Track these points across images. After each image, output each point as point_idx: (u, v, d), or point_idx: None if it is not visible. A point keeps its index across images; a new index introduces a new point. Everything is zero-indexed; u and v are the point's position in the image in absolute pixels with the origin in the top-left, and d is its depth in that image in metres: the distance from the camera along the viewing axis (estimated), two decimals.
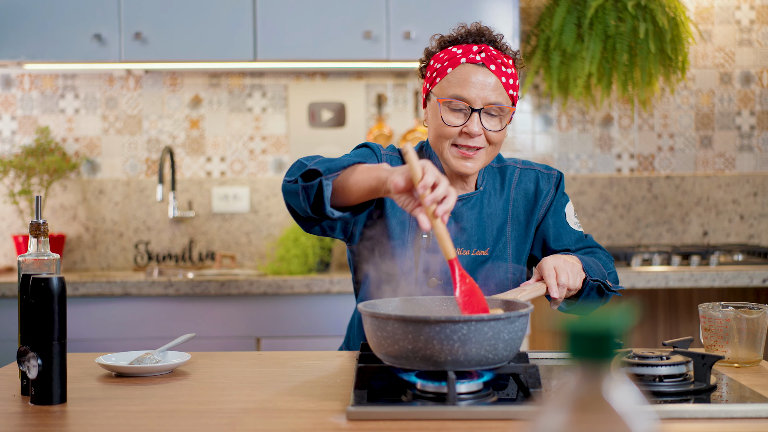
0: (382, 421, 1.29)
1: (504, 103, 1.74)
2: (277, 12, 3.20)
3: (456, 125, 1.73)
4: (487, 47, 1.75)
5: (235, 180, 3.57)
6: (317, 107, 3.57)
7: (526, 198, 1.85)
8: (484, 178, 1.85)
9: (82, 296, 2.96)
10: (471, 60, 1.73)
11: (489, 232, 1.81)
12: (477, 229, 1.81)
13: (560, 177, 1.88)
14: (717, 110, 3.64)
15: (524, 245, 1.84)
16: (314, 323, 2.96)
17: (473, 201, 1.82)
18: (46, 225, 1.56)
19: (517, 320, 1.35)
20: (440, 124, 1.74)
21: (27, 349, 1.41)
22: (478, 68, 1.73)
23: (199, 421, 1.32)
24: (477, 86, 1.72)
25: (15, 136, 3.57)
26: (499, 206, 1.84)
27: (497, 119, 1.74)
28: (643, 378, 1.44)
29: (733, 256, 3.22)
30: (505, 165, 1.88)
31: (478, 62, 1.73)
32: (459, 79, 1.73)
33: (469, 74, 1.72)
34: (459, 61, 1.74)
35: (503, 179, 1.86)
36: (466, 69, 1.73)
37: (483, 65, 1.73)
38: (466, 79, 1.72)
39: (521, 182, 1.86)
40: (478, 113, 1.72)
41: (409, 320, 1.32)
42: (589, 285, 1.72)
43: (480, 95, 1.72)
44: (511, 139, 3.61)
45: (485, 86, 1.72)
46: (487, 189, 1.84)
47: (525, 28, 3.58)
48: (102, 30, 3.19)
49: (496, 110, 1.73)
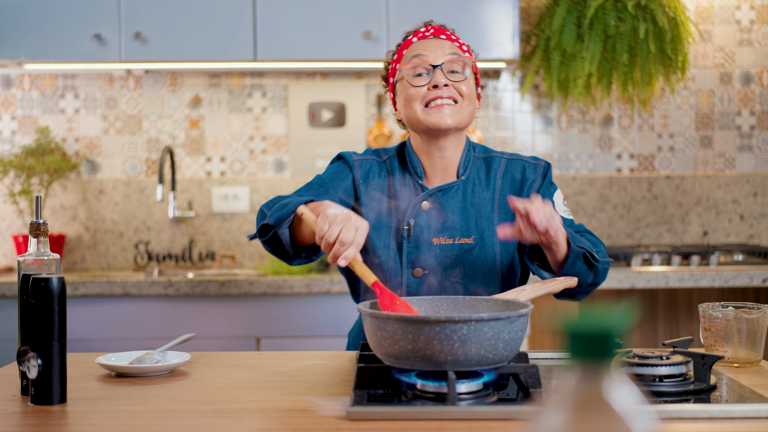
0: (382, 421, 1.29)
1: (462, 55, 1.83)
2: (277, 12, 3.20)
3: (422, 84, 1.81)
4: (433, 26, 1.89)
5: (235, 180, 3.57)
6: (317, 107, 3.57)
7: (512, 187, 1.87)
8: (466, 168, 1.87)
9: (82, 296, 2.96)
10: (422, 37, 1.87)
11: (473, 220, 1.83)
12: (460, 218, 1.83)
13: (547, 167, 1.90)
14: (717, 110, 3.64)
15: None
16: (314, 323, 2.96)
17: (454, 190, 1.84)
18: (46, 225, 1.56)
19: (517, 320, 1.35)
20: (407, 91, 1.82)
21: (27, 349, 1.41)
22: (430, 40, 1.86)
23: (199, 421, 1.32)
24: (433, 47, 1.83)
25: (15, 136, 3.57)
26: (485, 196, 1.85)
27: (460, 73, 1.83)
28: (643, 378, 1.44)
29: (733, 256, 3.22)
30: (492, 156, 1.91)
31: (429, 36, 1.86)
32: (415, 50, 1.85)
33: (422, 44, 1.85)
34: (411, 41, 1.87)
35: (489, 169, 1.89)
36: (419, 43, 1.86)
37: (434, 37, 1.86)
38: (421, 48, 1.84)
39: (508, 172, 1.88)
40: (439, 68, 1.81)
41: (409, 320, 1.32)
42: (574, 252, 1.69)
43: (437, 53, 1.82)
44: (511, 139, 3.61)
45: (440, 46, 1.84)
46: (471, 178, 1.87)
47: (525, 28, 3.58)
48: (102, 30, 3.19)
49: (457, 64, 1.82)
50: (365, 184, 1.86)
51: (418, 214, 1.82)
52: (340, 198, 1.83)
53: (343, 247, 1.50)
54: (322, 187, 1.84)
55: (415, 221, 1.81)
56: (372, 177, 1.87)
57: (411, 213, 1.81)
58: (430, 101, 1.79)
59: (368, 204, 1.85)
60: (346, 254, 1.51)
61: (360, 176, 1.87)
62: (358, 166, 1.88)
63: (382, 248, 1.81)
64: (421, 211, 1.82)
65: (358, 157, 1.90)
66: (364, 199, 1.85)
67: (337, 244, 1.50)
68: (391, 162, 1.89)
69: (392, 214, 1.84)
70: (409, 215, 1.81)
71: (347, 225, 1.51)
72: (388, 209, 1.84)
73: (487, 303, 1.56)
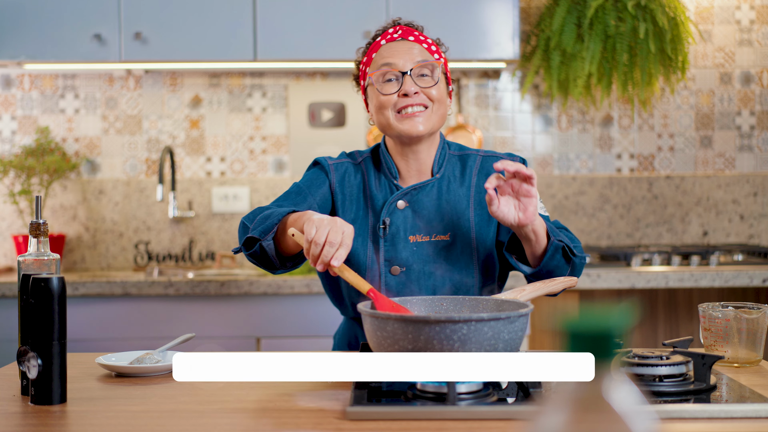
0: (382, 421, 1.29)
1: (431, 60, 1.83)
2: (277, 12, 3.20)
3: (392, 92, 1.81)
4: (402, 26, 1.88)
5: (235, 180, 3.57)
6: (317, 107, 3.57)
7: None
8: (441, 166, 1.88)
9: (82, 296, 2.96)
10: (390, 39, 1.85)
11: (449, 217, 1.84)
12: (436, 215, 1.84)
13: (524, 163, 1.88)
14: (717, 110, 3.64)
15: (488, 229, 1.85)
16: (314, 323, 2.96)
17: (429, 188, 1.86)
18: (46, 225, 1.56)
19: (517, 320, 1.35)
20: (378, 98, 1.82)
21: (27, 349, 1.41)
22: (398, 42, 1.85)
23: (199, 421, 1.32)
24: (400, 54, 1.82)
25: (15, 136, 3.57)
26: (460, 193, 1.86)
27: (429, 77, 1.82)
28: (643, 378, 1.44)
29: (733, 256, 3.22)
30: (467, 153, 1.92)
31: (397, 39, 1.85)
32: (382, 55, 1.84)
33: (391, 48, 1.84)
34: (380, 44, 1.86)
35: (464, 166, 1.90)
36: (387, 47, 1.85)
37: (402, 39, 1.85)
38: (389, 52, 1.84)
39: (483, 168, 1.89)
40: (409, 74, 1.80)
41: (410, 320, 1.32)
42: (554, 245, 1.70)
43: (406, 58, 1.82)
44: (512, 139, 3.61)
45: (409, 51, 1.83)
46: (447, 176, 1.88)
47: (525, 28, 3.58)
48: (102, 30, 3.19)
49: (426, 68, 1.82)
50: (341, 187, 1.88)
51: (393, 212, 1.83)
52: (318, 204, 1.86)
53: (333, 248, 1.52)
54: (300, 195, 1.87)
55: (391, 220, 1.83)
56: (348, 179, 1.89)
57: (386, 212, 1.83)
58: (402, 109, 1.80)
59: (345, 206, 1.88)
60: (337, 255, 1.52)
61: (336, 180, 1.89)
62: (333, 170, 1.90)
63: (360, 248, 1.83)
64: (397, 210, 1.84)
65: (333, 161, 1.92)
66: (341, 202, 1.88)
67: (326, 246, 1.51)
68: (366, 164, 1.91)
69: (368, 214, 1.86)
70: (384, 214, 1.83)
71: (334, 228, 1.53)
72: (364, 210, 1.86)
73: (487, 303, 1.56)
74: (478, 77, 3.60)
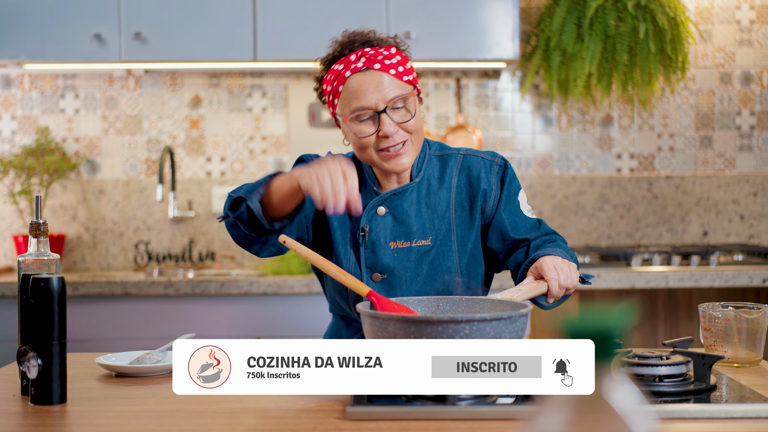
0: (382, 421, 1.29)
1: (403, 93, 1.75)
2: (277, 12, 3.20)
3: (370, 133, 1.75)
4: (363, 51, 1.77)
5: (236, 180, 3.57)
6: (317, 107, 3.57)
7: (468, 183, 1.85)
8: (420, 169, 1.85)
9: (82, 296, 2.96)
10: (355, 70, 1.75)
11: (430, 221, 1.83)
12: (416, 220, 1.82)
13: (505, 164, 1.87)
14: (717, 110, 3.64)
15: (469, 232, 1.84)
16: (314, 323, 2.96)
17: (409, 192, 1.83)
18: (46, 225, 1.56)
19: (518, 320, 1.35)
20: (356, 138, 1.76)
21: (27, 349, 1.41)
22: (364, 75, 1.75)
23: (199, 421, 1.32)
24: (371, 91, 1.74)
25: (15, 136, 3.57)
26: (441, 194, 1.84)
27: (403, 110, 1.76)
28: (643, 378, 1.44)
29: (733, 256, 3.22)
30: (448, 153, 1.89)
31: (361, 69, 1.75)
32: (352, 93, 1.75)
33: (359, 84, 1.75)
34: (345, 77, 1.76)
35: (444, 167, 1.87)
36: (354, 80, 1.75)
37: (367, 69, 1.75)
38: (359, 89, 1.74)
39: (463, 168, 1.86)
40: (384, 114, 1.74)
41: (412, 321, 1.32)
42: None
43: (378, 97, 1.74)
44: (512, 139, 3.61)
45: (379, 87, 1.74)
46: (426, 178, 1.85)
47: (525, 28, 3.58)
48: (102, 30, 3.19)
49: (399, 101, 1.75)
50: None
51: (373, 219, 1.81)
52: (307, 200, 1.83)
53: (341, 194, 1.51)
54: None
55: (371, 226, 1.80)
56: None
57: (366, 218, 1.81)
58: (383, 149, 1.76)
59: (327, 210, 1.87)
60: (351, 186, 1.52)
61: None
62: None
63: (342, 254, 1.82)
64: (377, 216, 1.81)
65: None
66: None
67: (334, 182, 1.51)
68: None
69: (350, 220, 1.83)
70: (363, 221, 1.81)
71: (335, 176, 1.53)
72: (346, 215, 1.82)
73: (485, 303, 1.56)
74: (478, 77, 3.60)
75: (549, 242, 1.83)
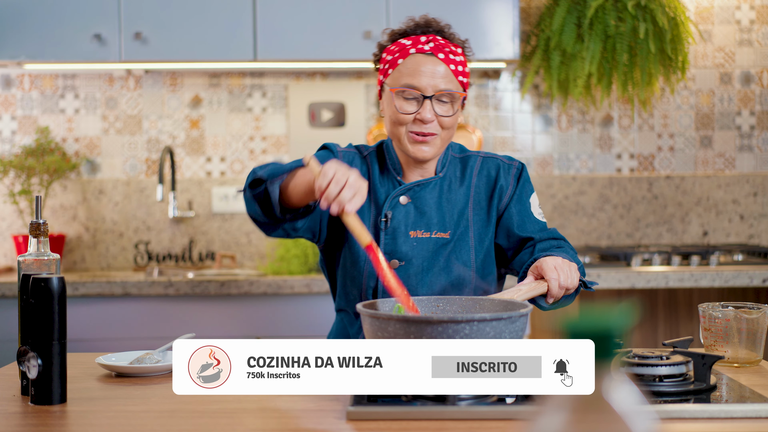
0: (382, 421, 1.29)
1: (454, 90, 1.81)
2: (277, 12, 3.20)
3: (410, 112, 1.80)
4: (435, 37, 1.83)
5: (235, 180, 3.57)
6: (317, 107, 3.57)
7: (487, 184, 1.90)
8: (444, 166, 1.90)
9: (82, 296, 2.96)
10: (420, 50, 1.81)
11: (449, 216, 1.87)
12: (437, 213, 1.86)
13: (521, 168, 1.93)
14: (717, 110, 3.64)
15: (486, 229, 1.88)
16: (314, 323, 2.96)
17: (432, 186, 1.88)
18: (46, 225, 1.56)
19: (518, 320, 1.35)
20: (394, 111, 1.81)
21: (27, 349, 1.41)
22: (427, 58, 1.81)
23: (199, 421, 1.32)
24: (427, 75, 1.79)
25: (15, 136, 3.57)
26: (461, 193, 1.89)
27: (448, 105, 1.81)
28: (643, 378, 1.44)
29: (733, 256, 3.22)
30: (468, 155, 1.94)
31: (427, 52, 1.81)
32: (410, 69, 1.80)
33: (419, 64, 1.80)
34: (408, 52, 1.82)
35: (464, 168, 1.92)
36: (415, 59, 1.81)
37: (432, 54, 1.81)
38: (417, 69, 1.80)
39: (483, 169, 1.91)
40: (429, 100, 1.79)
41: (411, 320, 1.32)
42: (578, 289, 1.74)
43: (430, 83, 1.79)
44: (512, 139, 3.61)
45: (435, 74, 1.79)
46: (448, 176, 1.90)
47: (525, 28, 3.58)
48: (102, 30, 3.19)
49: (447, 96, 1.80)
50: None
51: (395, 207, 1.85)
52: None
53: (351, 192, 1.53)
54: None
55: (393, 214, 1.85)
56: None
57: (389, 205, 1.85)
58: (414, 132, 1.81)
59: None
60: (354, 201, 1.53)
61: None
62: (342, 157, 1.91)
63: None
64: (399, 205, 1.86)
65: (342, 149, 1.93)
66: None
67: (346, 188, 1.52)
68: (370, 158, 1.93)
69: (371, 207, 1.87)
70: (386, 208, 1.85)
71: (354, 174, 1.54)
72: (367, 202, 1.87)
73: (484, 303, 1.56)
74: (478, 77, 3.60)
75: (556, 247, 1.85)
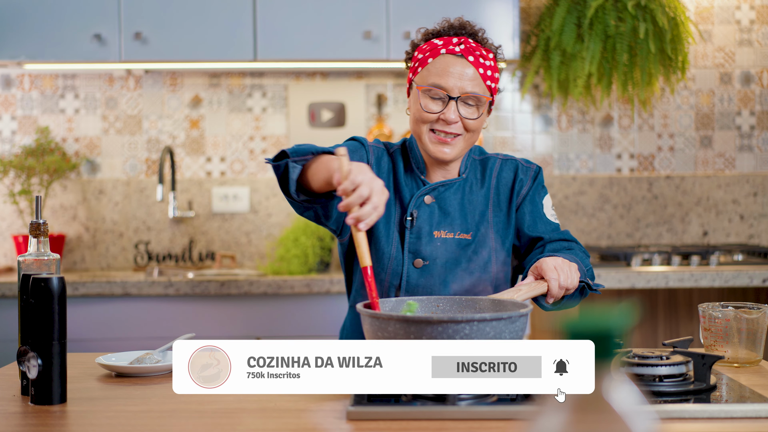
0: (382, 421, 1.29)
1: (480, 93, 1.81)
2: (277, 12, 3.20)
3: (434, 111, 1.80)
4: (466, 39, 1.84)
5: (235, 180, 3.57)
6: (317, 107, 3.57)
7: (506, 186, 1.92)
8: (466, 167, 1.91)
9: (82, 296, 2.96)
10: (450, 51, 1.81)
11: (471, 217, 1.88)
12: (459, 214, 1.87)
13: (539, 170, 1.95)
14: (717, 110, 3.64)
15: (507, 230, 1.90)
16: (314, 323, 2.96)
17: (455, 187, 1.89)
18: (46, 225, 1.56)
19: (518, 320, 1.35)
20: (419, 109, 1.82)
21: (27, 349, 1.41)
22: (457, 59, 1.81)
23: (199, 421, 1.32)
24: (455, 76, 1.80)
25: (15, 136, 3.57)
26: (481, 194, 1.90)
27: (474, 108, 1.81)
28: (643, 378, 1.44)
29: (733, 256, 3.22)
30: (487, 157, 1.95)
31: (457, 53, 1.81)
32: (438, 69, 1.81)
33: (448, 65, 1.81)
34: (439, 52, 1.82)
35: (484, 170, 1.93)
36: (445, 59, 1.81)
37: (462, 56, 1.81)
38: (445, 69, 1.80)
39: (502, 171, 1.93)
40: (455, 101, 1.79)
41: (412, 321, 1.32)
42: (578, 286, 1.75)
43: (457, 84, 1.79)
44: (512, 139, 3.61)
45: (463, 76, 1.80)
46: (470, 178, 1.91)
47: (525, 28, 3.58)
48: (102, 30, 3.19)
49: (473, 99, 1.81)
50: (376, 169, 1.89)
51: (420, 206, 1.86)
52: None
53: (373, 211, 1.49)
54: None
55: (418, 213, 1.85)
56: (381, 165, 1.90)
57: (414, 205, 1.85)
58: (437, 131, 1.81)
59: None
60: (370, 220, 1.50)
61: (373, 161, 1.89)
62: (372, 151, 1.91)
63: (385, 238, 1.85)
64: (424, 204, 1.86)
65: (371, 144, 1.93)
66: None
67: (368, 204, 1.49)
68: (395, 155, 1.93)
69: (396, 205, 1.87)
70: (412, 207, 1.85)
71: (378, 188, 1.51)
72: (392, 200, 1.87)
73: (484, 303, 1.56)
74: None
75: (567, 249, 1.86)
